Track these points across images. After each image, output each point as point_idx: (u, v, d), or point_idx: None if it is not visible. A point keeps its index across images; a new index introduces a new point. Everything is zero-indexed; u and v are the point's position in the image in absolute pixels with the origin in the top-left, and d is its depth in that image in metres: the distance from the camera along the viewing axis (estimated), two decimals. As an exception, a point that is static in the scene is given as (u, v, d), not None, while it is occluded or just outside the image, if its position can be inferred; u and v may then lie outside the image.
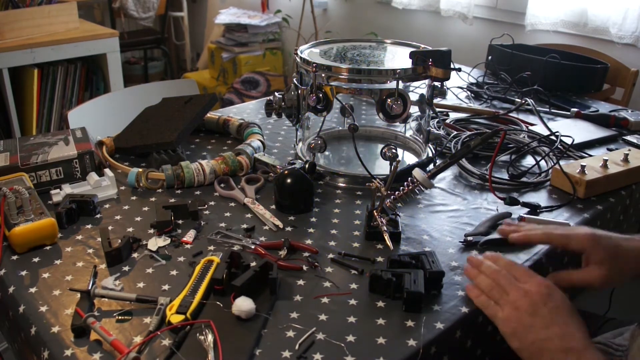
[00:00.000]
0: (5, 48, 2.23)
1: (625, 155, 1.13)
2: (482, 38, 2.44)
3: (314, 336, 0.71)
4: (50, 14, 2.37)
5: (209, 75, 3.89)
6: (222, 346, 0.68)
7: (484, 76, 1.77)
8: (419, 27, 2.95)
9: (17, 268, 0.83)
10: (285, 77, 3.66)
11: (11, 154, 1.05)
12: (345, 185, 1.10)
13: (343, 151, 1.28)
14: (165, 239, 0.90)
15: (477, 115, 1.45)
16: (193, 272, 0.80)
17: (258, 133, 1.25)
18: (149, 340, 0.69)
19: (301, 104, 1.13)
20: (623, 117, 1.41)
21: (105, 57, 2.52)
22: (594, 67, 1.69)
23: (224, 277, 0.78)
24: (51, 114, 2.52)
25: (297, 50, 1.16)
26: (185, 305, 0.73)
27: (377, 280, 0.79)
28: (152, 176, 1.07)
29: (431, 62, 1.05)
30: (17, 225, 0.86)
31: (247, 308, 0.72)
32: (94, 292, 0.76)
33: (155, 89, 1.80)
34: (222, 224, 0.96)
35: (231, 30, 3.66)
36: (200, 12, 4.55)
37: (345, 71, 1.06)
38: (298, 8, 3.30)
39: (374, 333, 0.72)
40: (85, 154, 1.06)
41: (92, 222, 0.96)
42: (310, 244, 0.90)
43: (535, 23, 2.30)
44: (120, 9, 3.91)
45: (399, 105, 1.04)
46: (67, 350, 0.68)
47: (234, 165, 1.12)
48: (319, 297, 0.78)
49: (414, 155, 1.24)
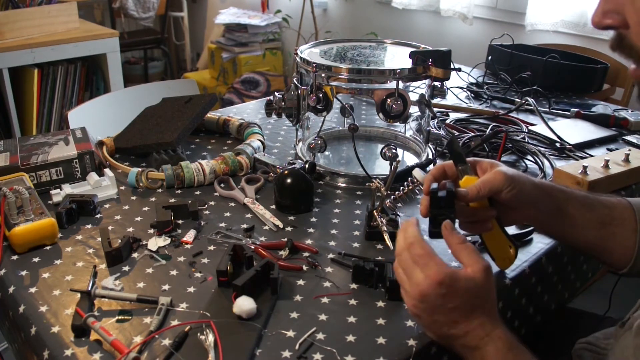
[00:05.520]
0: (5, 48, 2.23)
1: (626, 155, 1.13)
2: (482, 38, 2.44)
3: (314, 336, 0.71)
4: (50, 14, 2.37)
5: (209, 75, 3.89)
6: (223, 346, 0.68)
7: (484, 76, 1.77)
8: (419, 27, 2.95)
9: (17, 268, 0.83)
10: (285, 77, 3.66)
11: (11, 154, 1.05)
12: (345, 185, 1.10)
13: (343, 151, 1.28)
14: (165, 239, 0.90)
15: (477, 115, 1.45)
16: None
17: (258, 133, 1.25)
18: (149, 340, 0.69)
19: (301, 104, 1.13)
20: (623, 117, 1.41)
21: (105, 57, 2.52)
22: (594, 67, 1.69)
23: (228, 269, 0.78)
24: (51, 114, 2.52)
25: (297, 50, 1.16)
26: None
27: (359, 271, 0.80)
28: (152, 176, 1.07)
29: (431, 62, 1.05)
30: (17, 225, 0.86)
31: (249, 307, 0.72)
32: (94, 292, 0.76)
33: (155, 89, 1.80)
34: (222, 224, 0.96)
35: (231, 30, 3.66)
36: (200, 12, 4.55)
37: (345, 71, 1.06)
38: (298, 8, 3.29)
39: (374, 333, 0.72)
40: (85, 154, 1.06)
41: (92, 222, 0.96)
42: (310, 244, 0.90)
43: (535, 23, 2.30)
44: (120, 9, 3.91)
45: (399, 105, 1.04)
46: (67, 350, 0.68)
47: (234, 165, 1.12)
48: (319, 297, 0.78)
49: (414, 155, 1.24)
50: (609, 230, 0.79)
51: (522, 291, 0.87)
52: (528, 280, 0.88)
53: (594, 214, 0.80)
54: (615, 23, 0.58)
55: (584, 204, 0.80)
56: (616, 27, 0.58)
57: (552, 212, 0.79)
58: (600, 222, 0.79)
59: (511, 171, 0.77)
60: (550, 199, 0.79)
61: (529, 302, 0.90)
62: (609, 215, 0.80)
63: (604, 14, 0.59)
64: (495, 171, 0.76)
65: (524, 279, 0.87)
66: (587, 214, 0.80)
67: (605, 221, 0.79)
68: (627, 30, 0.58)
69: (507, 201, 0.76)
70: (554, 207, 0.79)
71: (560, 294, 1.00)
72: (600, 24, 0.59)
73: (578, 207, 0.79)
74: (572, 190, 0.82)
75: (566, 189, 0.81)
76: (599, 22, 0.59)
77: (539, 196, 0.78)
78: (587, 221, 0.79)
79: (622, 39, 0.59)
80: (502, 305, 0.83)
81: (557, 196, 0.80)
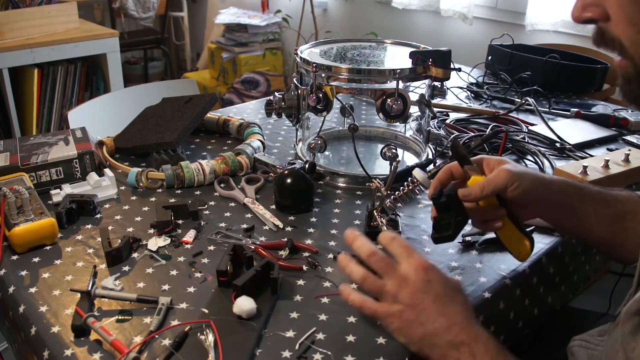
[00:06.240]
0: (5, 48, 2.23)
1: (626, 155, 1.13)
2: (482, 38, 2.44)
3: (314, 336, 0.71)
4: (50, 14, 2.38)
5: (209, 75, 3.89)
6: (223, 346, 0.68)
7: (484, 76, 1.77)
8: (419, 27, 2.95)
9: (17, 268, 0.83)
10: (285, 77, 3.66)
11: (11, 154, 1.04)
12: (345, 185, 1.10)
13: (343, 151, 1.28)
14: (165, 239, 0.90)
15: (477, 115, 1.45)
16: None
17: (258, 133, 1.25)
18: (149, 340, 0.69)
19: (301, 104, 1.13)
20: (623, 117, 1.41)
21: (105, 57, 2.52)
22: (594, 67, 1.69)
23: (228, 269, 0.78)
24: (51, 114, 2.52)
25: (297, 50, 1.16)
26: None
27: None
28: (152, 176, 1.07)
29: (431, 62, 1.05)
30: (17, 225, 0.86)
31: (249, 307, 0.72)
32: (94, 292, 0.76)
33: (155, 89, 1.80)
34: (222, 224, 0.96)
35: (231, 30, 3.66)
36: (200, 12, 4.55)
37: (345, 71, 1.06)
38: (298, 8, 3.30)
39: (374, 333, 0.72)
40: (85, 154, 1.06)
41: (92, 222, 0.96)
42: (310, 244, 0.90)
43: (535, 23, 2.30)
44: (120, 9, 3.91)
45: (399, 105, 1.04)
46: (67, 350, 0.68)
47: (234, 165, 1.12)
48: (319, 297, 0.78)
49: (414, 155, 1.24)
50: (622, 225, 0.79)
51: (523, 292, 0.87)
52: (529, 281, 0.88)
53: (608, 209, 0.79)
54: (595, 16, 0.58)
55: (597, 200, 0.79)
56: (596, 19, 0.59)
57: (564, 209, 0.79)
58: (614, 217, 0.79)
59: (518, 168, 0.76)
60: (562, 196, 0.78)
61: (532, 303, 0.89)
62: (622, 210, 0.79)
63: (584, 7, 0.59)
64: (500, 169, 0.76)
65: (525, 279, 0.87)
66: (601, 210, 0.79)
67: (619, 216, 0.79)
68: (607, 23, 0.58)
69: (514, 199, 0.76)
70: (566, 204, 0.79)
71: (565, 295, 1.00)
72: (580, 17, 0.59)
73: (592, 203, 0.79)
74: (586, 185, 0.82)
75: (580, 185, 0.81)
76: (578, 16, 0.59)
77: (548, 193, 0.78)
78: (601, 217, 0.79)
79: (603, 33, 0.59)
80: (503, 306, 0.83)
81: (570, 192, 0.79)
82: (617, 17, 0.56)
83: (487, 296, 0.80)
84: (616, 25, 0.57)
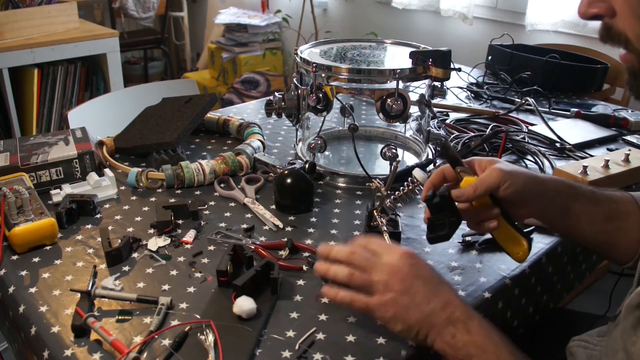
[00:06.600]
0: (5, 48, 2.23)
1: (626, 155, 1.13)
2: (482, 38, 2.44)
3: (314, 336, 0.71)
4: (50, 14, 2.37)
5: (209, 75, 3.89)
6: (223, 346, 0.68)
7: (484, 76, 1.77)
8: (419, 27, 2.95)
9: (17, 268, 0.83)
10: (285, 77, 3.66)
11: (11, 154, 1.04)
12: (345, 185, 1.10)
13: (343, 151, 1.28)
14: (165, 239, 0.90)
15: (477, 115, 1.45)
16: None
17: (258, 133, 1.25)
18: (149, 340, 0.69)
19: (301, 104, 1.13)
20: (623, 117, 1.41)
21: (105, 57, 2.52)
22: (594, 67, 1.69)
23: (228, 269, 0.78)
24: (51, 114, 2.52)
25: (297, 50, 1.16)
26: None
27: None
28: (152, 176, 1.07)
29: (431, 62, 1.05)
30: (17, 225, 0.86)
31: (249, 307, 0.72)
32: (94, 292, 0.76)
33: (155, 89, 1.80)
34: (222, 224, 0.96)
35: (231, 30, 3.66)
36: (200, 12, 4.55)
37: (345, 71, 1.06)
38: (298, 8, 3.29)
39: (374, 333, 0.72)
40: (85, 154, 1.06)
41: (92, 222, 0.96)
42: (310, 244, 0.90)
43: (535, 23, 2.30)
44: (120, 9, 3.91)
45: (399, 105, 1.04)
46: (67, 350, 0.68)
47: (234, 165, 1.12)
48: (319, 297, 0.78)
49: (414, 155, 1.24)
50: (615, 224, 0.79)
51: (521, 291, 0.87)
52: (528, 280, 0.88)
53: (600, 209, 0.80)
54: (601, 11, 0.59)
55: (590, 199, 0.80)
56: (602, 15, 0.60)
57: (557, 207, 0.79)
58: (606, 217, 0.79)
59: (509, 167, 0.76)
60: (555, 195, 0.79)
61: (528, 302, 0.90)
62: (615, 210, 0.79)
63: (590, 3, 0.60)
64: (492, 169, 0.76)
65: (524, 279, 0.87)
66: (594, 210, 0.79)
67: (612, 216, 0.79)
68: (612, 18, 0.59)
69: (507, 198, 0.76)
70: (559, 203, 0.79)
71: (559, 293, 1.00)
72: (587, 13, 0.60)
73: (584, 202, 0.79)
74: (580, 185, 0.82)
75: (574, 184, 0.81)
76: (585, 12, 0.60)
77: (542, 192, 0.78)
78: (594, 217, 0.79)
79: (609, 29, 0.60)
80: (502, 305, 0.83)
81: (563, 192, 0.79)
82: (623, 11, 0.57)
83: (487, 296, 0.81)
84: (622, 20, 0.58)
